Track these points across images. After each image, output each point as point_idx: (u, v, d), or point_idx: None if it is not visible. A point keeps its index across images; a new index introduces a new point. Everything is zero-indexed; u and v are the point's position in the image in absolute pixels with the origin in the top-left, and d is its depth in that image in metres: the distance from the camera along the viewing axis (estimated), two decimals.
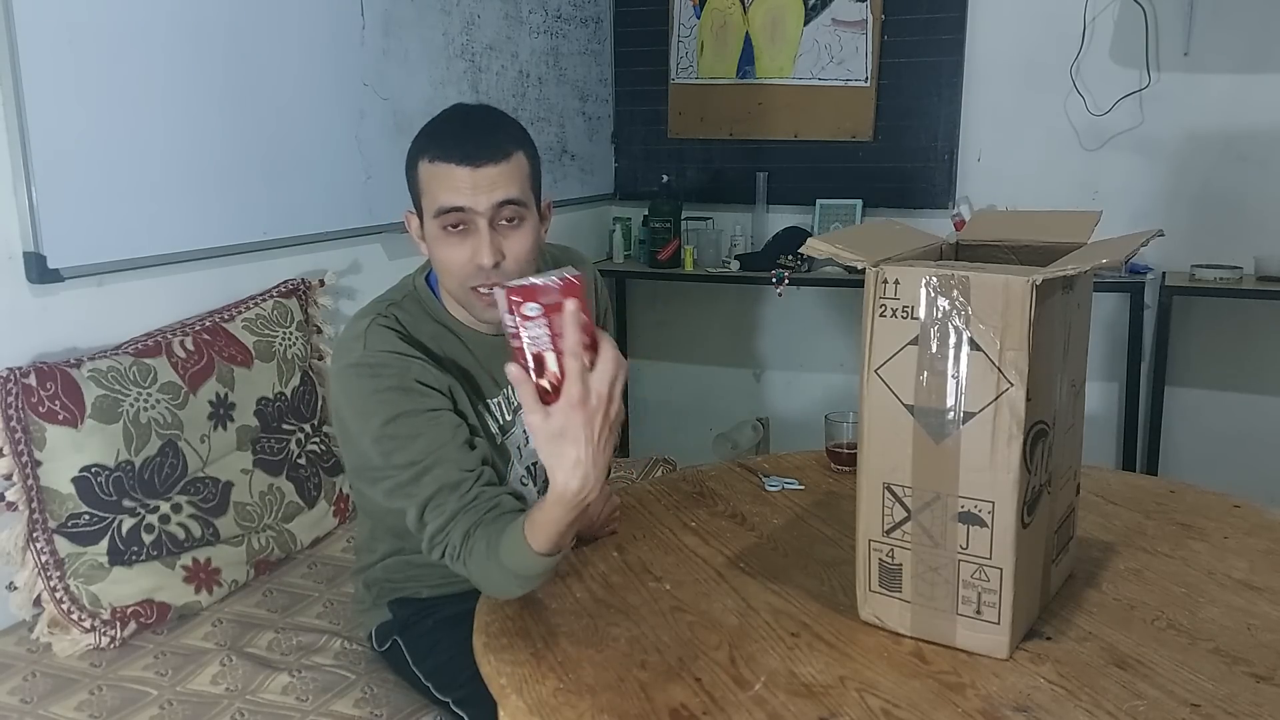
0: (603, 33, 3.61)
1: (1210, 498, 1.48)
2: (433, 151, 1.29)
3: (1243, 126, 2.98)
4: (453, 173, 1.27)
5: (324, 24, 2.34)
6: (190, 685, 1.52)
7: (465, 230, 1.29)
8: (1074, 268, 0.98)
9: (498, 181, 1.28)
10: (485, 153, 1.27)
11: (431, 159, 1.29)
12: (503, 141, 1.30)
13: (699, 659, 1.06)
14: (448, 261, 1.31)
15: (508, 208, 1.29)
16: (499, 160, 1.28)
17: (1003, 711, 0.96)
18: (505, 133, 1.32)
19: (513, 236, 1.31)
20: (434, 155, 1.29)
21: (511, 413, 1.43)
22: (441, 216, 1.29)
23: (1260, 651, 1.05)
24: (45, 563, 1.61)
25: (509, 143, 1.30)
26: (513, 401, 1.43)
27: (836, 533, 1.37)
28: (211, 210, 2.07)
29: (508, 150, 1.29)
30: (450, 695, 1.40)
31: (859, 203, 3.39)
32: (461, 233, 1.29)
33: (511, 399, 1.43)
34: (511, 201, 1.29)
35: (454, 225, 1.29)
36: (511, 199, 1.29)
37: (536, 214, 1.36)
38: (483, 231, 1.28)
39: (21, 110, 1.71)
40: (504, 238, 1.30)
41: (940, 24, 3.27)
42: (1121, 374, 3.16)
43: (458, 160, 1.27)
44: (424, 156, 1.30)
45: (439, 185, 1.28)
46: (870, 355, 1.05)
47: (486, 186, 1.27)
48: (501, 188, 1.28)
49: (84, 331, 1.84)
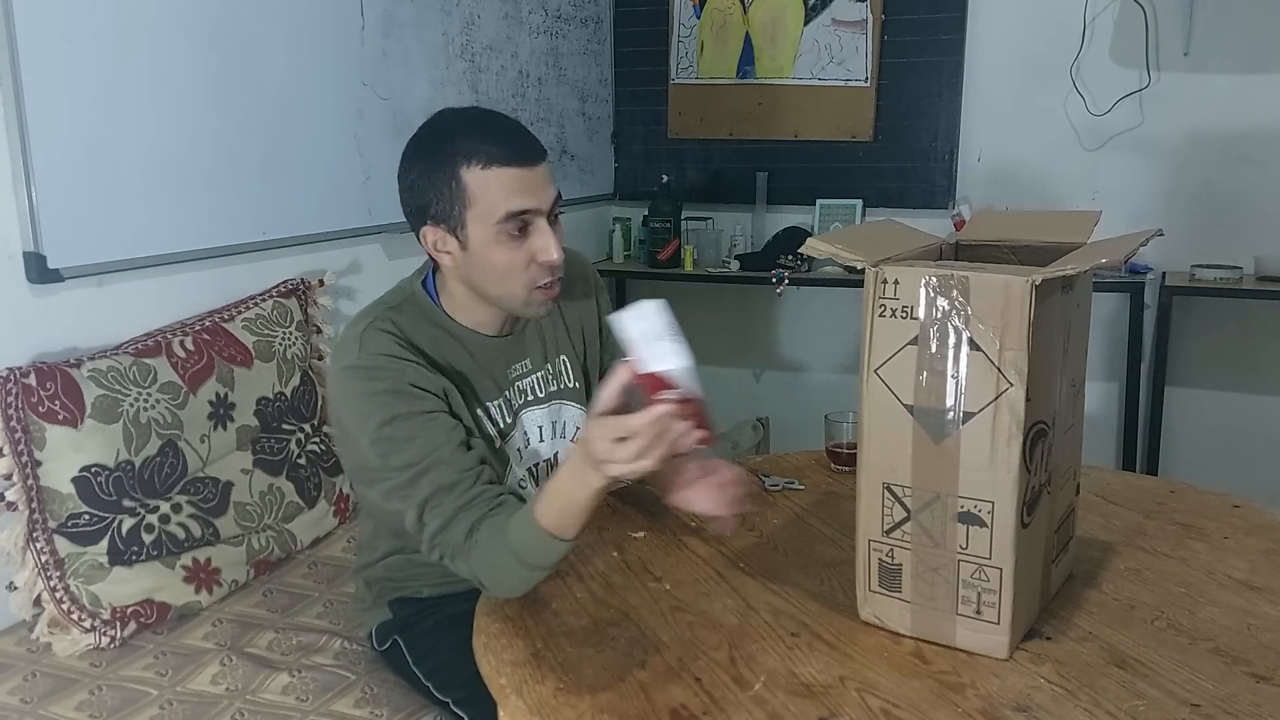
0: (603, 33, 3.61)
1: (1210, 498, 1.48)
2: (481, 158, 1.27)
3: (1243, 126, 2.98)
4: (517, 175, 1.27)
5: (323, 24, 2.34)
6: (190, 685, 1.52)
7: (524, 232, 1.30)
8: (1074, 268, 0.98)
9: (549, 179, 1.32)
10: (535, 152, 1.30)
11: (485, 165, 1.27)
12: (537, 140, 1.33)
13: (699, 659, 1.06)
14: (512, 265, 1.30)
15: (557, 203, 1.34)
16: (545, 157, 1.32)
17: (1003, 711, 0.96)
18: (532, 132, 1.35)
19: (559, 230, 1.34)
20: (486, 161, 1.27)
21: (511, 415, 1.42)
22: (510, 221, 1.28)
23: (1260, 651, 1.05)
24: (45, 563, 1.61)
25: (539, 141, 1.33)
26: (513, 404, 1.43)
27: (836, 533, 1.37)
28: (211, 210, 2.07)
29: (543, 148, 1.33)
30: (450, 695, 1.40)
31: (859, 203, 3.40)
32: (523, 235, 1.30)
33: (512, 401, 1.43)
34: (558, 197, 1.34)
35: (520, 229, 1.29)
36: (559, 195, 1.34)
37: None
38: (547, 230, 1.31)
39: (21, 110, 1.71)
40: (556, 232, 1.33)
41: (940, 24, 3.27)
42: (1121, 374, 3.16)
43: (517, 162, 1.27)
44: (468, 164, 1.27)
45: (501, 190, 1.27)
46: (870, 355, 1.05)
47: (545, 185, 1.30)
48: (552, 184, 1.32)
49: (84, 331, 1.84)
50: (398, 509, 1.25)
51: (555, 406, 1.49)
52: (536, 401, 1.46)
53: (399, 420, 1.25)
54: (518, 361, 1.44)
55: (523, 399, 1.45)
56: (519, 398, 1.44)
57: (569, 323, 1.52)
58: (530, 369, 1.46)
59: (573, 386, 1.51)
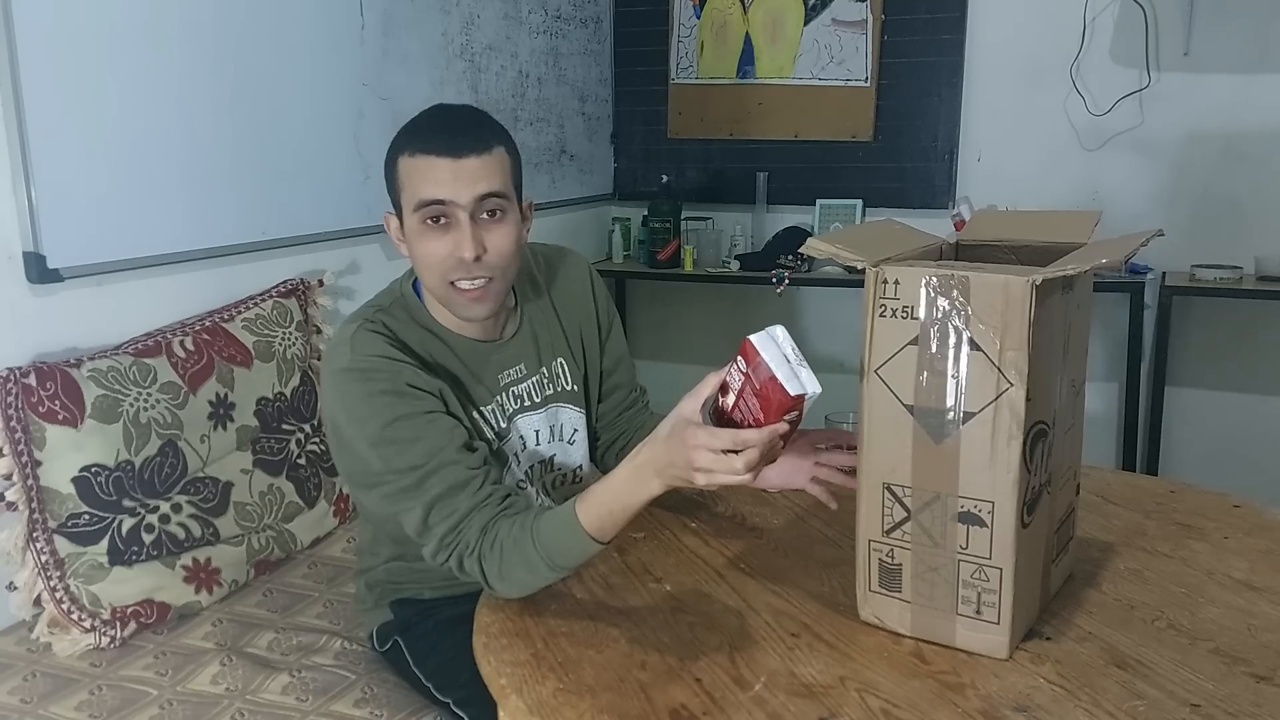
0: (603, 33, 3.61)
1: (1210, 498, 1.48)
2: (413, 146, 1.27)
3: (1243, 126, 2.98)
4: (434, 164, 1.25)
5: (323, 24, 2.34)
6: (190, 685, 1.52)
7: (447, 225, 1.28)
8: (1074, 268, 0.98)
9: (479, 174, 1.26)
10: (467, 145, 1.26)
11: (412, 153, 1.27)
12: (484, 135, 1.28)
13: (699, 659, 1.06)
14: (427, 256, 1.29)
15: (490, 200, 1.28)
16: (480, 152, 1.26)
17: (1003, 711, 0.96)
18: (486, 128, 1.31)
19: (495, 231, 1.29)
20: (414, 149, 1.27)
21: (505, 420, 1.41)
22: (422, 210, 1.27)
23: (1260, 651, 1.05)
24: (45, 563, 1.61)
25: (490, 136, 1.29)
26: (506, 410, 1.42)
27: (836, 533, 1.37)
28: (211, 210, 2.07)
29: (489, 143, 1.28)
30: (450, 695, 1.40)
31: (859, 203, 3.40)
32: (443, 227, 1.28)
33: (506, 407, 1.41)
34: (494, 194, 1.28)
35: (435, 219, 1.27)
36: (494, 191, 1.27)
37: (519, 211, 1.34)
38: (464, 224, 1.26)
39: (21, 110, 1.71)
40: (486, 231, 1.28)
41: (940, 24, 3.27)
42: (1121, 374, 3.16)
43: (438, 152, 1.25)
44: (403, 152, 1.28)
45: (420, 178, 1.27)
46: (870, 355, 1.05)
47: (468, 179, 1.26)
48: (484, 180, 1.26)
49: (84, 331, 1.84)
50: (398, 512, 1.24)
51: (552, 410, 1.47)
52: (533, 407, 1.45)
53: (401, 421, 1.23)
54: (510, 367, 1.42)
55: (517, 405, 1.43)
56: (513, 403, 1.42)
57: (566, 325, 1.51)
58: (524, 374, 1.44)
59: (570, 389, 1.50)
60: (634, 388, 1.61)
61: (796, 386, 0.97)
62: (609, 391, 1.58)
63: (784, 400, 0.98)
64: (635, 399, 1.61)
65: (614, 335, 1.58)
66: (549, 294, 1.50)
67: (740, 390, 1.01)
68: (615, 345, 1.58)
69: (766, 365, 0.98)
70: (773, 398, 0.98)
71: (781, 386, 0.97)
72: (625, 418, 1.59)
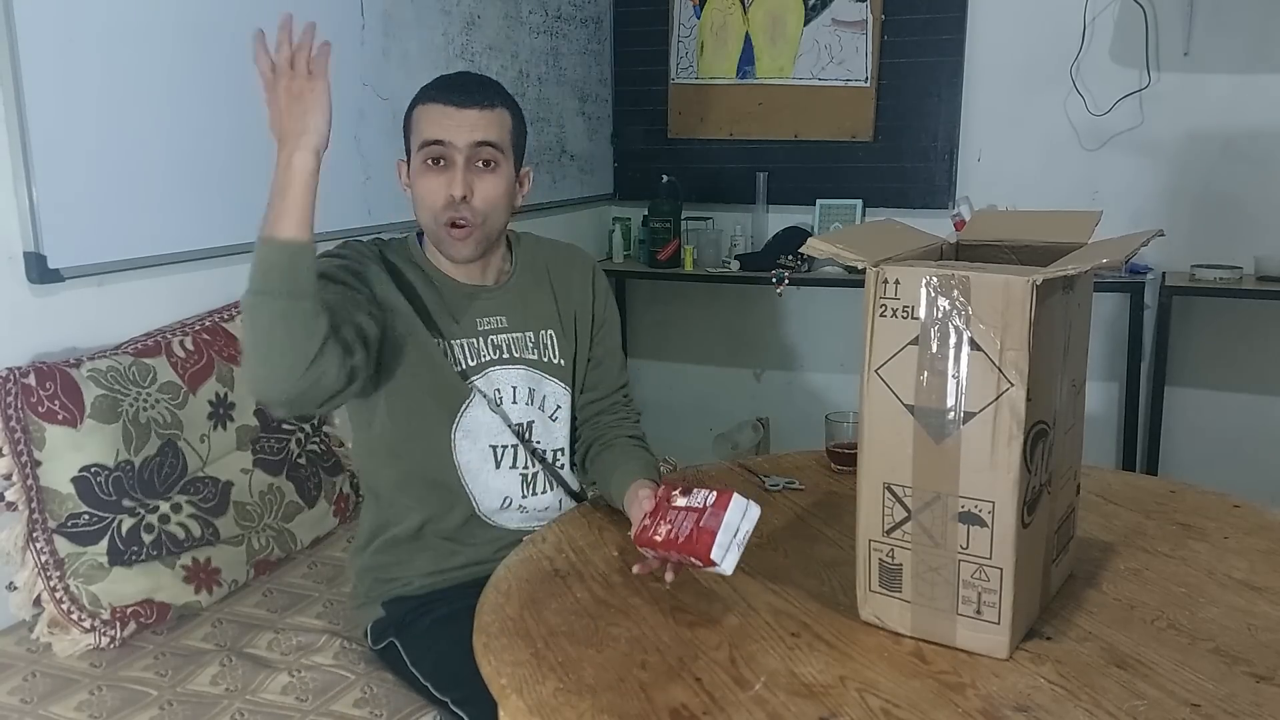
0: (603, 33, 3.61)
1: (1210, 498, 1.48)
2: (428, 96, 1.43)
3: (1243, 126, 2.98)
4: (441, 110, 1.40)
5: (323, 24, 2.31)
6: (190, 685, 1.52)
7: (444, 167, 1.41)
8: (1074, 268, 0.98)
9: (478, 124, 1.40)
10: (473, 99, 1.41)
11: (424, 101, 1.43)
12: (490, 94, 1.43)
13: (699, 659, 1.06)
14: (423, 193, 1.43)
15: (485, 149, 1.41)
16: (483, 106, 1.41)
17: (1003, 711, 0.96)
18: (494, 89, 1.45)
19: (486, 179, 1.42)
20: (429, 99, 1.42)
21: (477, 360, 1.48)
22: (424, 150, 1.41)
23: (1260, 651, 1.05)
24: (45, 563, 1.61)
25: (496, 97, 1.44)
26: (481, 354, 1.49)
27: (836, 533, 1.37)
28: (211, 210, 2.07)
29: (494, 102, 1.43)
30: (450, 695, 1.40)
31: (859, 203, 3.39)
32: (441, 169, 1.41)
33: (480, 351, 1.49)
34: (488, 143, 1.41)
35: (434, 160, 1.41)
36: (489, 141, 1.41)
37: (513, 169, 1.46)
38: (458, 166, 1.40)
39: (21, 110, 1.71)
40: (477, 178, 1.41)
41: (940, 24, 3.27)
42: (1121, 374, 3.16)
43: (446, 101, 1.41)
44: (420, 102, 1.44)
45: (427, 121, 1.41)
46: (870, 355, 1.05)
47: (468, 126, 1.40)
48: (481, 129, 1.40)
49: (84, 331, 1.84)
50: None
51: (535, 375, 1.53)
52: (512, 361, 1.51)
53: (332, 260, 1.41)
54: (490, 315, 1.51)
55: (495, 354, 1.50)
56: (490, 351, 1.50)
57: (561, 304, 1.57)
58: (504, 326, 1.51)
59: (558, 363, 1.55)
60: (621, 391, 1.63)
61: (719, 555, 1.13)
62: (593, 383, 1.61)
63: (703, 553, 1.13)
64: (619, 405, 1.62)
65: (608, 331, 1.63)
66: (550, 274, 1.59)
67: (693, 508, 1.18)
68: (608, 339, 1.63)
69: (720, 520, 1.14)
70: (699, 542, 1.13)
71: (711, 544, 1.12)
72: (605, 421, 1.60)
